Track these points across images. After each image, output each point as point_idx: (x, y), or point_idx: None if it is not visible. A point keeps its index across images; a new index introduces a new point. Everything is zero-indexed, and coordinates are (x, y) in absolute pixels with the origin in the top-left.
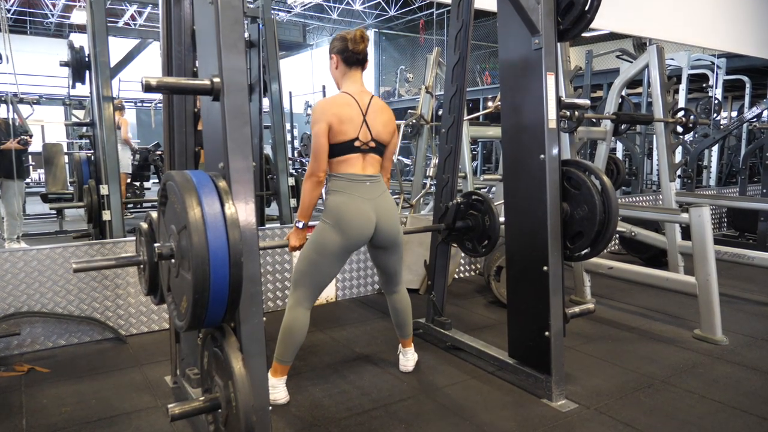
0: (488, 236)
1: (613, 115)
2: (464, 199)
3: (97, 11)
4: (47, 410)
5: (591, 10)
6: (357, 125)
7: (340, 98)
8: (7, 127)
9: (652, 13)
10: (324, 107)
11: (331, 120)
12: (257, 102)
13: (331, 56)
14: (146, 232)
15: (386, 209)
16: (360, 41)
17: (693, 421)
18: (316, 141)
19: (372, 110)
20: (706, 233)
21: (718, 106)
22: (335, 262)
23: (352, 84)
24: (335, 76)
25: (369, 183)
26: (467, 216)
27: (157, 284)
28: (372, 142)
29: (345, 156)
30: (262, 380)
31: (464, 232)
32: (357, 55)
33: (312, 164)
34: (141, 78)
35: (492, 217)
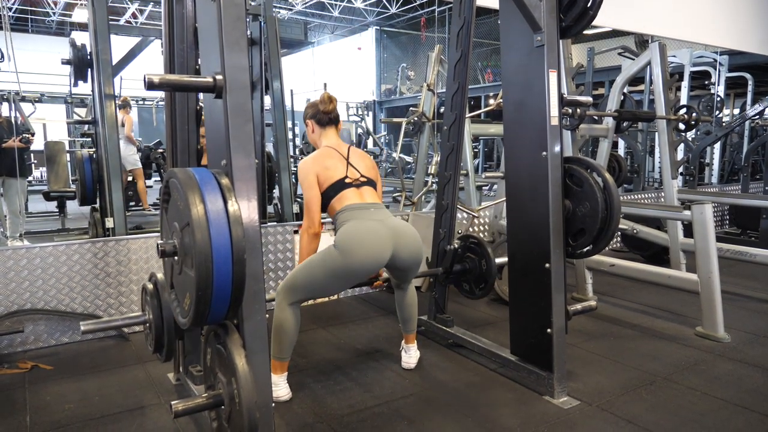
0: (485, 279)
1: (615, 113)
2: (461, 242)
3: (98, 9)
4: (51, 407)
5: (593, 7)
6: (343, 167)
7: (321, 151)
8: (9, 125)
9: (654, 10)
10: (307, 163)
11: (317, 170)
12: (259, 100)
13: (306, 123)
14: (152, 292)
15: (405, 232)
16: (328, 102)
17: (695, 418)
18: (307, 195)
19: (353, 155)
20: (708, 230)
21: (720, 103)
22: (335, 283)
23: (329, 140)
24: (314, 140)
25: (373, 209)
26: (464, 259)
27: (162, 343)
28: (362, 177)
29: (340, 193)
30: (265, 377)
31: (462, 274)
32: (328, 114)
33: (306, 219)
34: (143, 75)
35: (488, 261)
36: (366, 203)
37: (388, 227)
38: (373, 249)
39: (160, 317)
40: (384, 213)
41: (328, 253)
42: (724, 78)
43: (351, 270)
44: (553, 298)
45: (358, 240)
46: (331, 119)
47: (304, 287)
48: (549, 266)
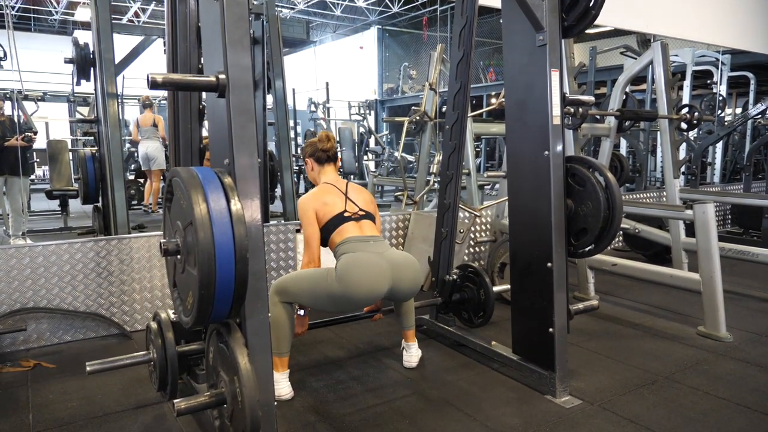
0: (483, 309)
1: (618, 112)
2: (460, 272)
3: (101, 8)
4: (53, 405)
5: (595, 6)
6: (341, 201)
7: (320, 188)
8: (11, 124)
9: (657, 9)
10: (306, 200)
11: (316, 206)
12: (261, 99)
13: (305, 161)
14: (156, 331)
15: (404, 264)
16: (326, 141)
17: (697, 418)
18: (306, 231)
19: (351, 190)
20: (710, 230)
21: (723, 102)
22: (331, 305)
23: (327, 177)
24: (313, 177)
25: (372, 242)
26: (463, 288)
27: (167, 381)
28: (360, 211)
29: (340, 227)
30: (267, 375)
31: (460, 303)
32: (326, 152)
33: (306, 254)
34: (147, 75)
35: (486, 291)
36: (365, 236)
37: (387, 260)
38: (372, 282)
39: (164, 357)
40: (383, 245)
41: (327, 277)
42: (726, 77)
43: (347, 299)
44: (555, 297)
45: (357, 272)
46: (330, 157)
47: (297, 296)
48: (551, 265)
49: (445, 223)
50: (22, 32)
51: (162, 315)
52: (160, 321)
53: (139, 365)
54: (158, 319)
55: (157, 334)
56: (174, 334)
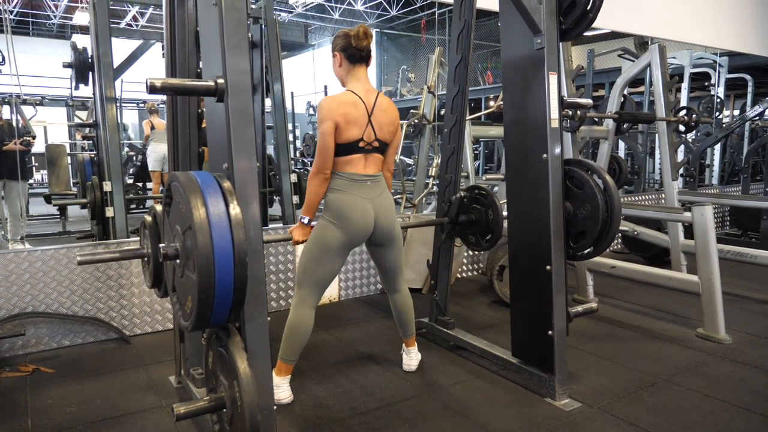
0: (492, 230)
1: (616, 114)
2: (468, 193)
3: (99, 12)
4: (52, 410)
5: (593, 9)
6: (362, 125)
7: (347, 96)
8: (10, 128)
9: (654, 12)
10: (331, 105)
11: (338, 119)
12: (260, 102)
13: (334, 54)
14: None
15: (384, 206)
16: (363, 38)
17: (696, 420)
18: (323, 140)
19: (378, 109)
20: (708, 232)
21: (721, 104)
22: (336, 257)
23: (356, 82)
24: (339, 75)
25: (370, 182)
26: (471, 210)
27: (161, 277)
28: (375, 142)
29: (348, 156)
30: (266, 380)
31: (467, 225)
32: (361, 51)
33: (318, 161)
34: (145, 79)
35: (495, 211)
36: (366, 175)
37: (373, 205)
38: (361, 217)
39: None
40: (378, 188)
41: (320, 229)
42: (723, 79)
43: (346, 232)
44: (554, 300)
45: (347, 208)
46: (363, 57)
47: (312, 272)
48: (550, 268)
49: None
50: (21, 36)
51: (158, 209)
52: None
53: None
54: (153, 213)
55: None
56: None
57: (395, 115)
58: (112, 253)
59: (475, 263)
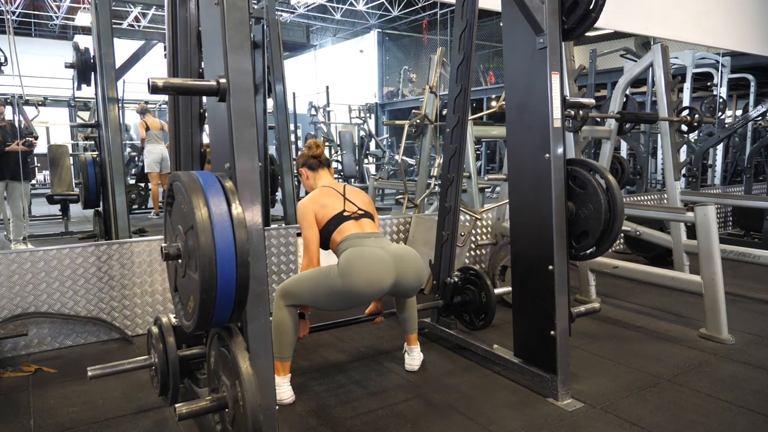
0: (485, 311)
1: (618, 114)
2: (461, 274)
3: (102, 13)
4: (54, 410)
5: (595, 9)
6: (340, 202)
7: (318, 191)
8: (12, 128)
9: (657, 11)
10: (305, 204)
11: (315, 209)
12: (262, 103)
13: (300, 172)
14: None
15: (406, 256)
16: (315, 147)
17: (699, 420)
18: (306, 235)
19: (349, 192)
20: (711, 232)
21: (723, 104)
22: (335, 303)
23: (323, 181)
24: (309, 185)
25: (374, 238)
26: (464, 291)
27: (168, 386)
28: (359, 211)
29: (340, 226)
30: (268, 380)
31: (462, 306)
32: (317, 158)
33: (305, 257)
34: (147, 79)
35: (488, 293)
36: (366, 233)
37: (390, 254)
38: (375, 274)
39: (165, 361)
40: (384, 241)
41: (330, 273)
42: (726, 79)
43: (350, 293)
44: (557, 300)
45: (359, 264)
46: (321, 162)
47: (301, 297)
48: (552, 268)
49: (446, 226)
50: (23, 37)
51: (163, 319)
52: (161, 325)
53: (140, 369)
54: (159, 324)
55: (158, 338)
56: (175, 338)
57: (367, 196)
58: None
59: (477, 264)
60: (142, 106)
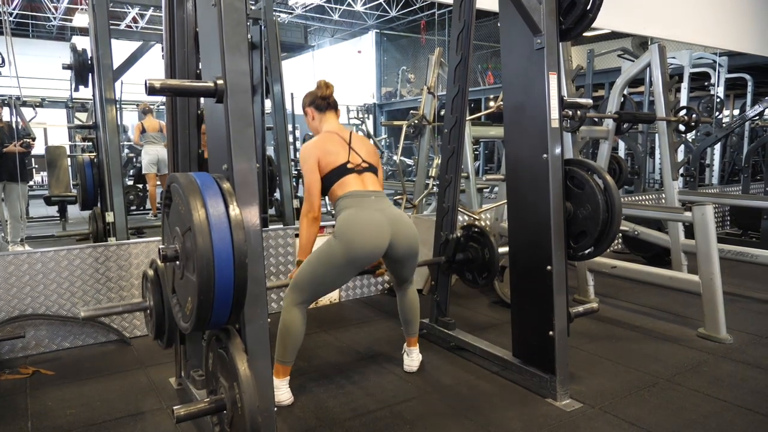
0: (488, 269)
1: (616, 114)
2: (464, 231)
3: (99, 13)
4: (52, 413)
5: (593, 9)
6: (345, 152)
7: (323, 136)
8: (9, 130)
9: (654, 11)
10: (309, 147)
11: (318, 155)
12: (260, 104)
13: (305, 111)
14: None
15: (402, 222)
16: (325, 88)
17: (698, 420)
18: (307, 179)
19: (354, 140)
20: (709, 231)
21: (720, 104)
22: (336, 275)
23: (329, 125)
24: (314, 127)
25: (374, 197)
26: (467, 248)
27: (164, 330)
28: (364, 163)
29: (342, 179)
30: (266, 381)
31: (464, 263)
32: (326, 99)
33: (306, 203)
34: (145, 80)
35: (491, 250)
36: (368, 191)
37: (387, 217)
38: (373, 237)
39: (161, 303)
40: (384, 202)
41: (327, 245)
42: (723, 79)
43: (352, 258)
44: (555, 300)
45: (357, 228)
46: (330, 104)
47: (309, 284)
48: (550, 268)
49: (445, 227)
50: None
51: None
52: (156, 268)
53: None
54: (155, 266)
55: (153, 281)
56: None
57: (372, 147)
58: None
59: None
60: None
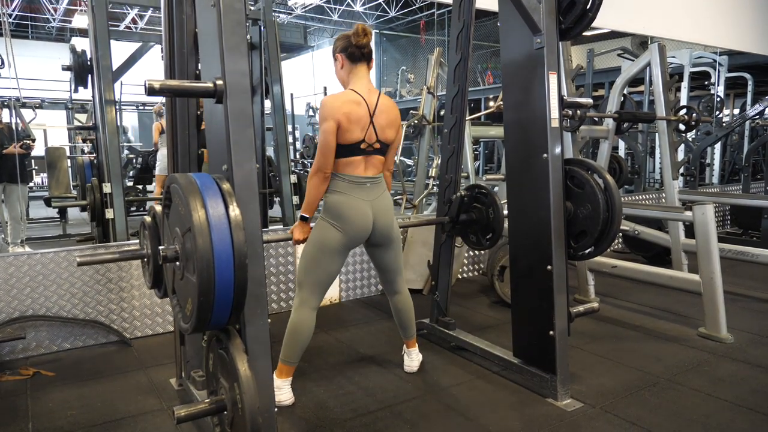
0: (492, 229)
1: (616, 114)
2: (468, 191)
3: (98, 15)
4: (53, 414)
5: (592, 8)
6: (364, 126)
7: (349, 95)
8: (9, 131)
9: (654, 11)
10: (334, 104)
11: (340, 119)
12: (259, 104)
13: (336, 57)
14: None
15: (383, 207)
16: (363, 35)
17: (699, 420)
18: (324, 138)
19: (379, 110)
20: (709, 231)
21: (720, 103)
22: (335, 258)
23: (358, 81)
24: (341, 77)
25: (369, 185)
26: (471, 209)
27: (161, 278)
28: (377, 143)
29: (350, 158)
30: (267, 382)
31: (468, 224)
32: (361, 48)
33: (319, 160)
34: (144, 81)
35: (496, 210)
36: (366, 177)
37: (371, 205)
38: (358, 217)
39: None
40: (377, 190)
41: (317, 230)
42: (723, 78)
43: (344, 233)
44: (555, 300)
45: (345, 208)
46: (364, 54)
47: (309, 273)
48: (551, 268)
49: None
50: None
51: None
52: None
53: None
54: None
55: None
56: None
57: (396, 115)
58: (111, 254)
59: (475, 264)
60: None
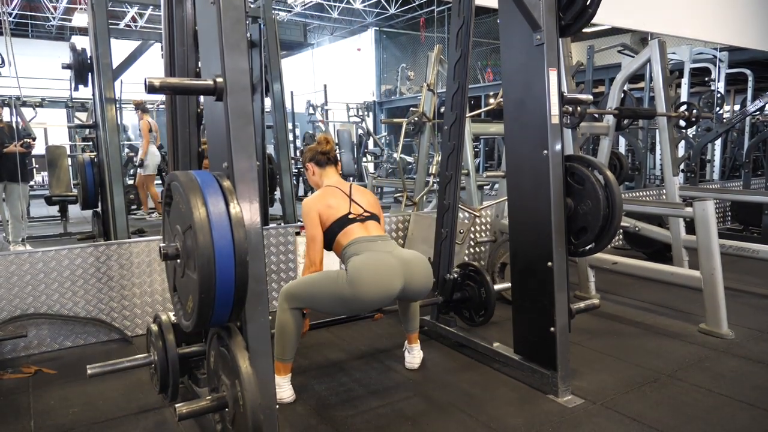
0: (484, 308)
1: (616, 110)
2: (461, 270)
3: (98, 13)
4: (55, 411)
5: (592, 5)
6: (346, 204)
7: (323, 190)
8: (10, 130)
9: (654, 7)
10: (310, 202)
11: (319, 208)
12: (259, 102)
13: (306, 166)
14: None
15: (415, 261)
16: (325, 143)
17: (700, 416)
18: (309, 233)
19: (355, 192)
20: (710, 227)
21: (721, 99)
22: (337, 307)
23: (330, 179)
24: (315, 181)
25: (380, 241)
26: (464, 287)
27: (168, 384)
28: (365, 213)
29: (345, 229)
30: (268, 379)
31: (462, 302)
32: (326, 155)
33: (308, 257)
34: (144, 79)
35: (487, 290)
36: (372, 236)
37: (398, 258)
38: (384, 282)
39: (165, 359)
40: (391, 245)
41: (338, 279)
42: (724, 74)
43: (359, 301)
44: (556, 296)
45: (368, 274)
46: (330, 159)
47: (306, 301)
48: (551, 265)
49: (445, 224)
50: (20, 38)
51: (162, 317)
52: (160, 323)
53: (140, 368)
54: (159, 321)
55: (157, 336)
56: (175, 335)
57: (373, 197)
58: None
59: (476, 261)
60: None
